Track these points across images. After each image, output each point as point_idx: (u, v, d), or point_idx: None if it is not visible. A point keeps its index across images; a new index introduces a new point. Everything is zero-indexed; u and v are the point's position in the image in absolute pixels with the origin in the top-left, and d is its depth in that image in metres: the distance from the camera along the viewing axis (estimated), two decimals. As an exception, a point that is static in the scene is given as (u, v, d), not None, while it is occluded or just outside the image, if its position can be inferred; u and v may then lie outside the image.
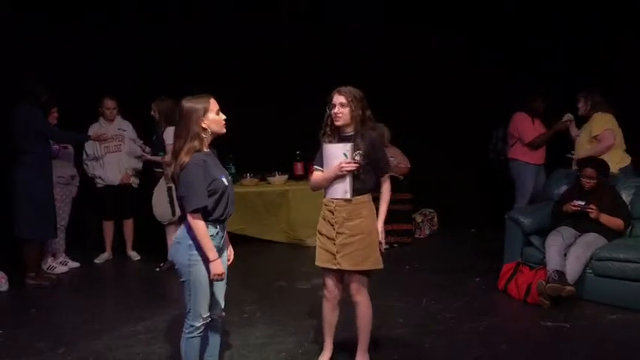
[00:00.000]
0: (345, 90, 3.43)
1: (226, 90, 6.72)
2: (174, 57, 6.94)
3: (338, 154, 3.38)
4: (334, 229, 3.46)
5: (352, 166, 3.36)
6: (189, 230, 3.04)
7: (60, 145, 5.97)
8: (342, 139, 3.45)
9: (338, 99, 3.42)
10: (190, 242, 3.06)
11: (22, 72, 5.84)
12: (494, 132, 7.00)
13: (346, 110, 3.40)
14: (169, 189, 5.72)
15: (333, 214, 3.47)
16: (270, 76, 7.15)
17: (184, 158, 2.99)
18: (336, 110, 3.41)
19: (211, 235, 3.06)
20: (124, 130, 6.39)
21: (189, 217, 3.01)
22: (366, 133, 3.44)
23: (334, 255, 3.47)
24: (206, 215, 3.04)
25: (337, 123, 3.43)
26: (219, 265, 3.05)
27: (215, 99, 3.15)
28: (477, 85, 7.16)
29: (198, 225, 3.00)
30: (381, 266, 3.54)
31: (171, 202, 5.74)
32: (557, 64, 6.91)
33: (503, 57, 7.07)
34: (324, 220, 3.52)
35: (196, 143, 3.03)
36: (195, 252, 3.06)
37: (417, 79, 7.18)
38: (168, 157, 5.59)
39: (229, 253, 3.36)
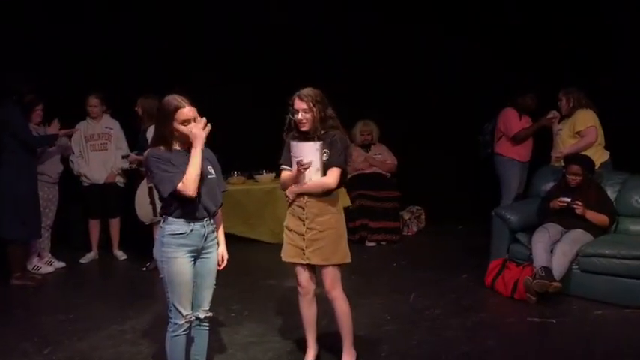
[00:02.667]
0: (306, 94, 3.42)
1: (215, 88, 6.76)
2: (166, 56, 6.91)
3: (307, 153, 3.39)
4: (304, 224, 3.50)
5: (335, 184, 3.43)
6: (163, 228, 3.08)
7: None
8: (308, 139, 3.45)
9: (300, 105, 3.41)
10: (163, 239, 3.07)
11: (7, 69, 5.78)
12: (486, 124, 7.00)
13: (309, 115, 3.40)
14: (150, 189, 5.72)
15: (303, 210, 3.50)
16: (258, 75, 7.13)
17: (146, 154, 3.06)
18: (299, 117, 3.41)
19: (184, 233, 3.06)
20: (111, 129, 6.34)
21: (180, 189, 2.96)
22: (329, 133, 3.45)
23: (303, 250, 3.51)
24: (175, 213, 3.05)
25: (303, 129, 3.43)
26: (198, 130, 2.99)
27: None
28: (464, 83, 7.18)
29: (185, 184, 2.95)
30: (349, 260, 3.58)
31: (152, 203, 5.74)
32: (548, 60, 6.94)
33: (492, 55, 7.09)
34: (293, 216, 3.55)
35: (162, 143, 3.06)
36: (167, 249, 3.06)
37: (405, 77, 7.19)
38: None
39: (220, 256, 3.34)
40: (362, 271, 5.57)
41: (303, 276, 3.62)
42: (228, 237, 6.47)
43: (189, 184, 2.95)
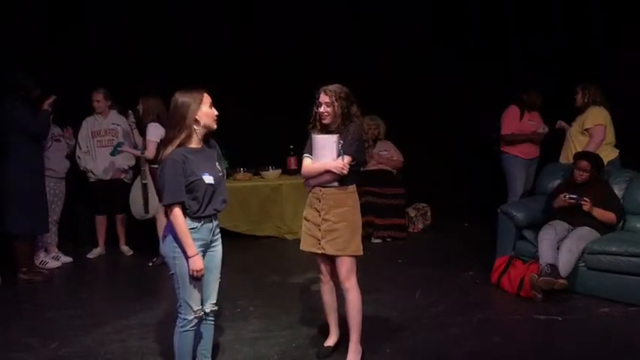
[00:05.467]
0: (331, 89, 3.55)
1: (221, 85, 6.73)
2: (170, 53, 6.92)
3: (326, 145, 3.50)
4: (320, 215, 3.58)
5: (346, 170, 3.47)
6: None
7: (52, 137, 5.94)
8: (329, 132, 3.57)
9: (324, 98, 3.55)
10: (173, 235, 3.08)
11: (10, 67, 5.78)
12: (494, 122, 6.98)
13: (330, 109, 3.53)
14: (144, 185, 5.78)
15: (320, 201, 3.59)
16: (264, 72, 7.14)
17: (167, 151, 3.04)
18: (322, 110, 3.55)
19: (194, 229, 3.07)
20: (118, 125, 6.36)
21: (167, 211, 3.06)
22: (348, 127, 3.53)
23: (319, 240, 3.59)
24: (185, 210, 3.05)
25: (324, 121, 3.58)
26: (198, 262, 3.05)
27: (210, 93, 3.16)
28: (470, 80, 7.16)
29: (175, 219, 3.03)
30: (361, 253, 3.65)
31: (145, 199, 5.81)
32: (554, 57, 6.91)
33: (498, 52, 7.07)
34: (311, 207, 3.65)
35: (184, 136, 3.05)
36: (179, 244, 3.06)
37: (410, 74, 7.18)
38: (147, 153, 5.65)
39: None
40: (367, 268, 5.52)
41: (322, 264, 3.72)
42: (234, 235, 6.54)
43: (176, 217, 3.01)
